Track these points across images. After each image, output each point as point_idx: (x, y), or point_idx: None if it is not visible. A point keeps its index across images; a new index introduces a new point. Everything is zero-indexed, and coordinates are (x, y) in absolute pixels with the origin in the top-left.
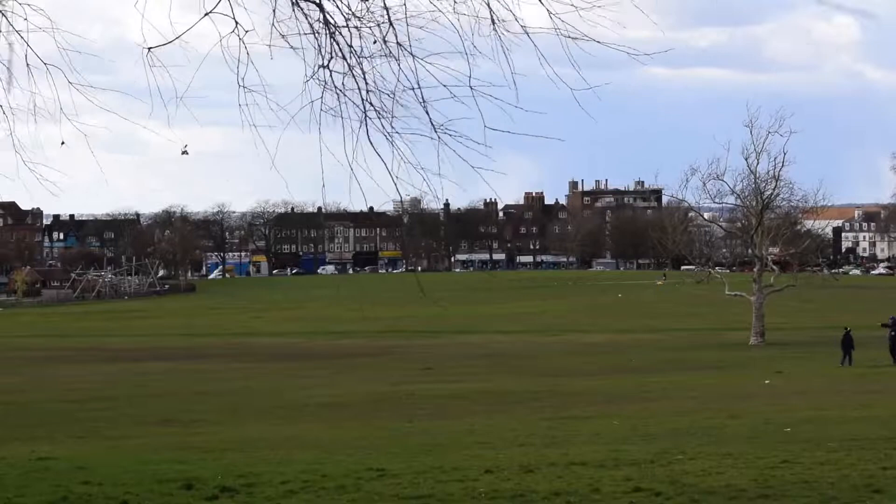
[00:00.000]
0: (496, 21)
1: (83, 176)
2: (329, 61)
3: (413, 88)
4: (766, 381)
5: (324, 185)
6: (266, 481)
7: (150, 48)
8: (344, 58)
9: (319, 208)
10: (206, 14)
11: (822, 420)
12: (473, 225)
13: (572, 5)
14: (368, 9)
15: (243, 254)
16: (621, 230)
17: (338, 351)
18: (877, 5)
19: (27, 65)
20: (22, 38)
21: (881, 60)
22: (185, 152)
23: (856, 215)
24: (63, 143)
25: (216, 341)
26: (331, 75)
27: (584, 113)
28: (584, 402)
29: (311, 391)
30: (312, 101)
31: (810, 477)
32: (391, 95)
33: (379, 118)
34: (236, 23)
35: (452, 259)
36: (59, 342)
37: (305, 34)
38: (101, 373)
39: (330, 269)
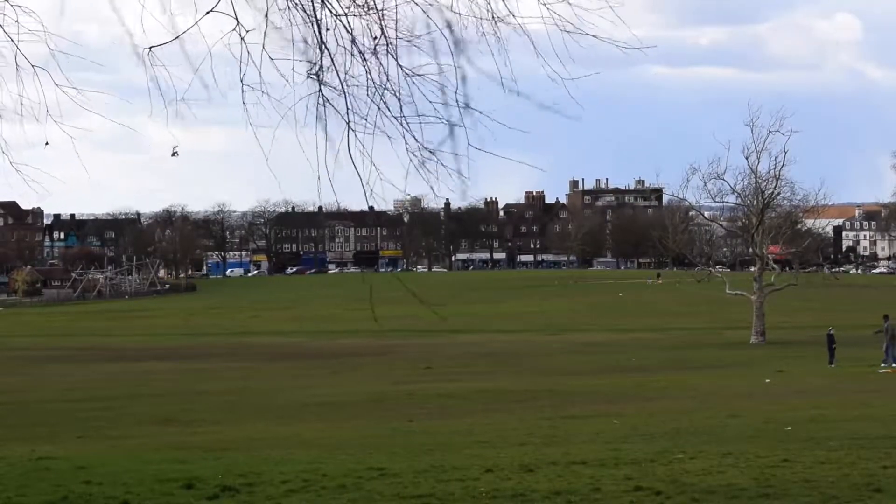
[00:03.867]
0: (496, 17)
1: (83, 175)
2: (320, 69)
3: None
4: (767, 381)
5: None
6: (267, 480)
7: (150, 48)
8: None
9: (320, 207)
10: (208, 12)
11: (823, 419)
12: (474, 224)
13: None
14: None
15: (244, 253)
16: (622, 229)
17: (337, 350)
18: (876, 5)
19: (17, 67)
20: (12, 41)
21: (882, 59)
22: (175, 153)
23: (856, 214)
24: (47, 143)
25: (216, 341)
26: (320, 84)
27: (584, 113)
28: (585, 402)
29: (311, 390)
30: (316, 99)
31: (811, 476)
32: (376, 95)
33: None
34: (237, 21)
35: (453, 258)
36: (59, 342)
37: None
38: (102, 372)
39: (238, 271)
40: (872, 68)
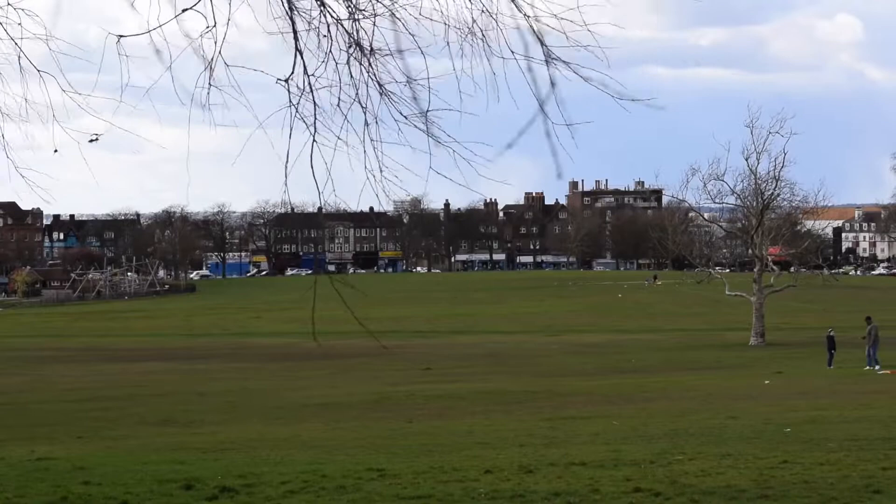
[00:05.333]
0: (483, 34)
1: (83, 176)
2: (291, 74)
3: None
4: (766, 382)
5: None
6: (266, 481)
7: (119, 37)
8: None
9: (320, 208)
10: (184, 10)
11: (822, 420)
12: (474, 225)
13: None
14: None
15: (243, 254)
16: (621, 230)
17: (337, 351)
18: (876, 5)
19: (20, 68)
20: (16, 44)
21: (882, 60)
22: (93, 140)
23: (856, 215)
24: (56, 150)
25: (216, 341)
26: (288, 91)
27: (585, 114)
28: (584, 403)
29: (311, 391)
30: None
31: (810, 477)
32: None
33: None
34: (215, 22)
35: (453, 259)
36: (59, 342)
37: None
38: (101, 373)
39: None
40: (873, 69)
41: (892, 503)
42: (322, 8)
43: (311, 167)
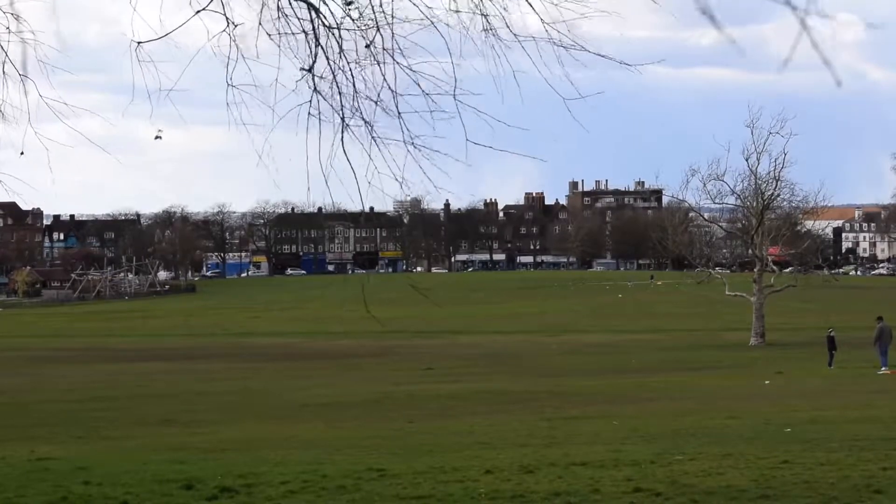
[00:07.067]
0: (490, 28)
1: (83, 177)
2: (313, 64)
3: (399, 94)
4: (766, 382)
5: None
6: (266, 481)
7: (139, 42)
8: (333, 58)
9: (320, 208)
10: (198, 12)
11: (823, 420)
12: (474, 225)
13: (568, 9)
14: (361, 13)
15: (243, 254)
16: (622, 230)
17: (338, 351)
18: (877, 5)
19: (3, 72)
20: (2, 48)
21: (883, 60)
22: (158, 137)
23: (856, 216)
24: (22, 153)
25: (216, 341)
26: (313, 78)
27: (585, 114)
28: (584, 403)
29: (312, 391)
30: (301, 105)
31: (811, 477)
32: (375, 101)
33: (365, 124)
34: (227, 21)
35: (453, 259)
36: (59, 342)
37: (293, 33)
38: (101, 373)
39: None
40: (873, 69)
41: (893, 503)
42: (312, 14)
43: (345, 153)
